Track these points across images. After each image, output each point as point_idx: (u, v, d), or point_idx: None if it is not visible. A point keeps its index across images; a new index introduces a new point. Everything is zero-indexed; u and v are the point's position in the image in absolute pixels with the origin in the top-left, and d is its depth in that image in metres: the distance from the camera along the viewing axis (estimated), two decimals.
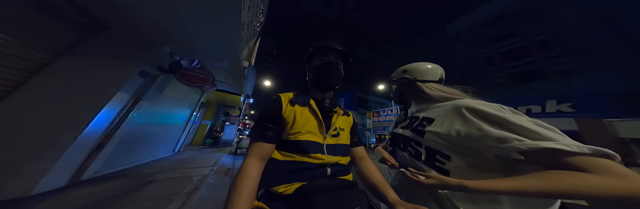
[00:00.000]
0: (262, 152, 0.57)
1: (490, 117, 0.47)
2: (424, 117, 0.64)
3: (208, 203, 1.93)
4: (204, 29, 2.11)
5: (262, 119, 0.64)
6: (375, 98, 28.97)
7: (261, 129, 0.61)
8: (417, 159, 0.60)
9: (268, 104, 0.68)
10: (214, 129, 9.32)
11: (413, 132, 0.63)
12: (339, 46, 0.71)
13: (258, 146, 0.58)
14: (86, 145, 2.05)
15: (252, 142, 0.60)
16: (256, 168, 0.54)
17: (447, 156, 0.53)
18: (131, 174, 2.57)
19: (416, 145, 0.61)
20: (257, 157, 0.56)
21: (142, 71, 2.46)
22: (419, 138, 0.60)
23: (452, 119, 0.54)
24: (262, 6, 3.17)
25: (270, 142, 0.60)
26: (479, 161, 0.49)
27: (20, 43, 1.70)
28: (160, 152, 4.06)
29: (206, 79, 3.19)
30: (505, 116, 0.45)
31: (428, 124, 0.60)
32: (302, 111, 0.66)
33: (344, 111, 0.78)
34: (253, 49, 4.65)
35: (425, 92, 0.70)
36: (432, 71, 0.75)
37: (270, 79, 16.44)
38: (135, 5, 1.80)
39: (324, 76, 0.70)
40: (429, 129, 0.58)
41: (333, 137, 0.66)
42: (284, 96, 0.70)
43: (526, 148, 0.39)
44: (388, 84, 0.92)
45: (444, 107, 0.61)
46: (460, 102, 0.56)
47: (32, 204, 1.52)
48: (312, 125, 0.63)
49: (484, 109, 0.49)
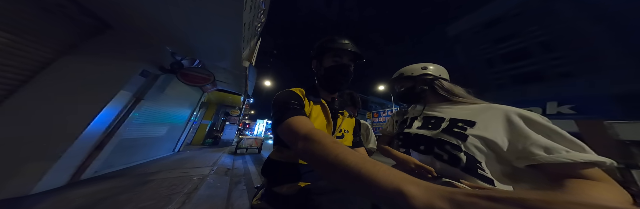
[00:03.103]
0: (309, 122, 0.47)
1: (539, 126, 0.47)
2: (455, 119, 0.59)
3: (208, 203, 1.93)
4: (206, 30, 2.12)
5: (287, 101, 0.55)
6: (375, 99, 28.95)
7: (296, 105, 0.54)
8: (453, 165, 0.53)
9: (286, 93, 0.61)
10: (214, 129, 9.32)
11: (449, 135, 0.56)
12: (355, 49, 0.65)
13: (300, 118, 0.47)
14: (87, 144, 2.06)
15: (288, 117, 0.47)
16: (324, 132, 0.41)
17: (491, 164, 0.51)
18: (131, 174, 2.57)
19: (454, 149, 0.54)
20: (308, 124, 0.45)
21: (144, 70, 2.47)
22: (458, 141, 0.53)
23: (498, 124, 0.52)
24: (263, 6, 3.18)
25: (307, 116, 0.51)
26: (509, 170, 0.49)
27: (24, 42, 1.70)
28: (160, 152, 4.06)
29: (207, 79, 3.20)
30: (552, 126, 0.46)
31: (469, 126, 0.55)
32: (315, 108, 0.64)
33: (350, 113, 0.78)
34: (254, 49, 4.66)
35: (454, 92, 0.68)
36: (445, 71, 0.76)
37: (271, 79, 16.46)
38: (137, 6, 1.81)
39: (337, 80, 0.66)
40: (472, 132, 0.53)
41: (338, 139, 0.65)
42: (297, 90, 0.65)
43: (580, 160, 0.40)
44: (394, 82, 0.84)
45: (476, 109, 0.59)
46: (508, 108, 0.54)
47: (32, 203, 1.51)
48: (322, 124, 0.62)
49: (534, 118, 0.49)
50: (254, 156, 6.52)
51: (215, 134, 8.62)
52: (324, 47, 0.67)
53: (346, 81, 0.67)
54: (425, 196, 0.19)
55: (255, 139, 7.23)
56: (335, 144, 0.33)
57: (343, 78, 0.66)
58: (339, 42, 0.66)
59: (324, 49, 0.67)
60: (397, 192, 0.20)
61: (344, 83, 0.67)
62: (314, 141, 0.35)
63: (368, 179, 0.23)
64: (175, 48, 2.86)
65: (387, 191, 0.21)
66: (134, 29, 2.30)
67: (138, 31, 2.34)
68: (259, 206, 0.54)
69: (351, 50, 0.64)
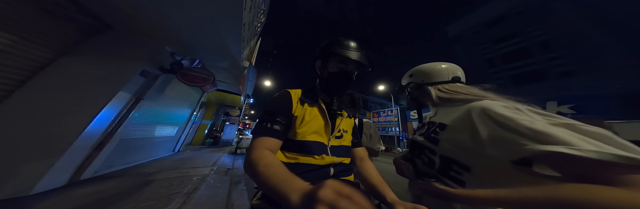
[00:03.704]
0: (270, 145, 0.52)
1: (500, 118, 0.42)
2: (438, 123, 0.58)
3: (208, 203, 1.93)
4: (206, 30, 2.12)
5: (270, 113, 0.58)
6: (376, 99, 28.96)
7: (269, 123, 0.56)
8: (431, 167, 0.56)
9: (277, 98, 0.64)
10: (214, 129, 9.32)
11: (426, 140, 0.58)
12: (363, 59, 0.64)
13: (264, 140, 0.52)
14: (87, 144, 2.06)
15: (257, 136, 0.53)
16: (271, 153, 0.48)
17: (465, 166, 0.48)
18: (131, 174, 2.57)
19: (430, 153, 0.56)
20: (265, 148, 0.50)
21: (144, 70, 2.46)
22: (433, 146, 0.55)
23: (464, 124, 0.49)
24: (263, 6, 3.18)
25: (277, 138, 0.55)
26: (501, 172, 0.43)
27: (24, 43, 1.70)
28: (160, 151, 4.06)
29: (207, 79, 3.20)
30: (515, 117, 0.40)
31: (441, 130, 0.55)
32: (311, 110, 0.64)
33: (349, 113, 0.78)
34: (254, 49, 4.66)
35: (432, 96, 0.64)
36: (441, 71, 0.68)
37: (271, 79, 16.46)
38: (137, 6, 1.81)
39: (338, 85, 0.67)
40: (442, 136, 0.54)
41: (337, 139, 0.66)
42: (293, 92, 0.66)
43: (528, 153, 0.35)
44: (399, 90, 0.85)
45: (458, 111, 0.54)
46: (474, 104, 0.50)
47: (32, 203, 1.52)
48: (319, 125, 0.63)
49: (495, 110, 0.44)
50: None
51: (215, 134, 8.62)
52: (331, 51, 0.65)
53: (348, 87, 0.68)
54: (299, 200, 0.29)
55: None
56: (264, 168, 0.42)
57: (345, 85, 0.67)
58: (347, 49, 0.64)
59: (330, 52, 0.66)
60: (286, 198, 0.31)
61: (345, 89, 0.68)
62: (249, 166, 0.44)
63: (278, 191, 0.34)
64: (175, 48, 2.86)
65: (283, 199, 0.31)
66: (133, 29, 2.30)
67: (138, 31, 2.33)
68: (259, 206, 0.54)
69: (357, 60, 0.63)
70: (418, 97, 0.75)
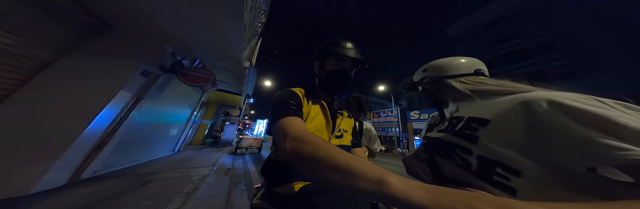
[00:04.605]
0: (301, 124, 0.48)
1: (584, 115, 0.32)
2: (471, 118, 0.50)
3: (207, 203, 1.93)
4: (207, 30, 2.13)
5: (284, 102, 0.56)
6: (376, 99, 28.97)
7: (290, 106, 0.55)
8: (466, 170, 0.46)
9: (286, 93, 0.62)
10: (214, 128, 9.32)
11: (458, 137, 0.50)
12: (358, 55, 0.65)
13: (295, 119, 0.49)
14: (87, 144, 2.06)
15: (283, 116, 0.49)
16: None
17: (514, 170, 0.38)
18: (131, 174, 2.57)
19: (463, 152, 0.47)
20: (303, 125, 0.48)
21: (144, 70, 2.47)
22: (469, 145, 0.46)
23: (516, 120, 0.40)
24: (263, 7, 3.18)
25: (302, 118, 0.53)
26: (565, 178, 0.34)
27: (25, 42, 1.70)
28: (160, 151, 4.06)
29: (207, 78, 3.20)
30: (606, 113, 0.31)
31: (480, 126, 0.46)
32: (314, 108, 0.65)
33: (348, 113, 0.79)
34: (254, 49, 4.66)
35: (456, 88, 0.57)
36: (460, 64, 0.62)
37: (271, 79, 16.47)
38: (138, 6, 1.81)
39: (337, 83, 0.68)
40: (483, 133, 0.45)
41: (337, 138, 0.66)
42: (297, 90, 0.67)
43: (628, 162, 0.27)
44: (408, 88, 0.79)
45: (500, 104, 0.46)
46: (531, 96, 0.40)
47: (31, 203, 1.51)
48: (321, 124, 0.63)
49: (571, 105, 0.34)
50: (254, 156, 6.52)
51: (215, 134, 8.62)
52: (327, 51, 0.67)
53: (346, 85, 0.69)
54: (403, 185, 0.22)
55: (255, 139, 7.26)
56: (325, 143, 0.35)
57: (343, 82, 0.68)
58: (343, 47, 0.66)
59: (327, 52, 0.67)
60: (380, 181, 0.23)
61: (344, 87, 0.69)
62: (304, 141, 0.37)
63: (356, 171, 0.26)
64: (175, 48, 2.86)
65: (373, 181, 0.24)
66: (134, 28, 2.30)
67: (139, 31, 2.34)
68: (259, 205, 0.54)
69: (354, 57, 0.64)
70: (436, 93, 0.68)
